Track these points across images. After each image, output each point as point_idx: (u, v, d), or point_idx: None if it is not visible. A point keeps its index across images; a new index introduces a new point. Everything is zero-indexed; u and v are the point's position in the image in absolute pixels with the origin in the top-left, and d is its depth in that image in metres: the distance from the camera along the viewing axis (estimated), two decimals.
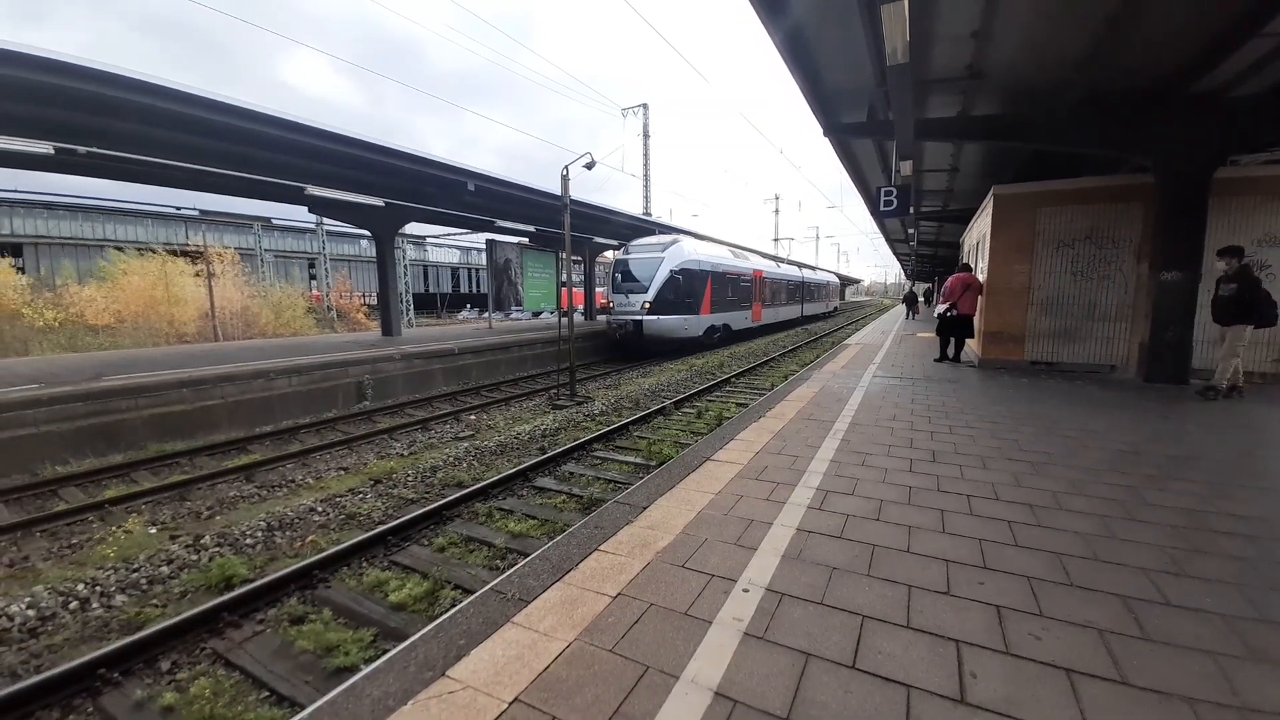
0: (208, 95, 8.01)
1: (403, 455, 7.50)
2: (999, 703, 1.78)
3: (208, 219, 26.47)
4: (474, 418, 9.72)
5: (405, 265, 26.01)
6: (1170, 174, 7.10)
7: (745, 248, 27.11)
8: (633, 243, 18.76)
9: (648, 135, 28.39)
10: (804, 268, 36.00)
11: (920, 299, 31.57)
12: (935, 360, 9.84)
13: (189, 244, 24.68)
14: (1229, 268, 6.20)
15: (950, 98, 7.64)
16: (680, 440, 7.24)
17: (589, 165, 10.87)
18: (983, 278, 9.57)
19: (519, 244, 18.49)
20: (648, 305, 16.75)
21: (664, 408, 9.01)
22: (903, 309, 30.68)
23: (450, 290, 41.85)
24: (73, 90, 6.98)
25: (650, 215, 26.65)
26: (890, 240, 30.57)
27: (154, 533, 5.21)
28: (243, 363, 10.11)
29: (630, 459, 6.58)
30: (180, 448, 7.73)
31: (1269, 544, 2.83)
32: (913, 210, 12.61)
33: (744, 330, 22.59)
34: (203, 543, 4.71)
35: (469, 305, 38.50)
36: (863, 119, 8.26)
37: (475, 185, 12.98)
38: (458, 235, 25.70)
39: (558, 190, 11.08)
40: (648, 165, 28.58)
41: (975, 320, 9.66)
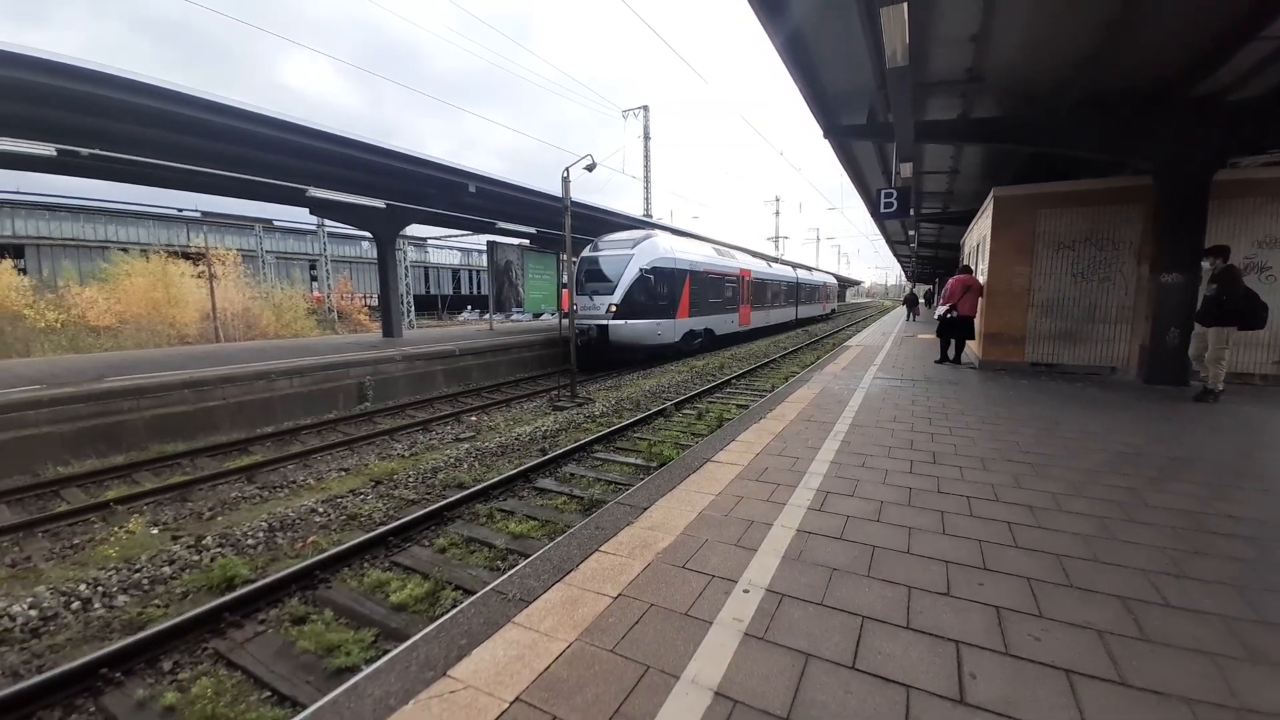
0: (211, 98, 8.05)
1: (404, 456, 7.51)
2: (998, 703, 1.79)
3: (209, 220, 26.54)
4: (475, 419, 9.73)
5: (406, 267, 26.06)
6: (1170, 176, 7.11)
7: (732, 245, 25.80)
8: (602, 238, 17.02)
9: (648, 137, 28.49)
10: (798, 268, 34.63)
11: (921, 301, 31.55)
12: (936, 362, 9.85)
13: (191, 245, 24.75)
14: (1213, 268, 6.23)
15: (950, 100, 7.66)
16: (681, 441, 7.25)
17: (590, 167, 10.91)
18: (983, 279, 9.58)
19: (520, 246, 18.50)
20: (614, 308, 14.87)
21: (665, 409, 9.01)
22: (903, 311, 30.70)
23: (451, 292, 41.92)
24: (74, 92, 7.02)
25: (651, 217, 26.70)
26: (891, 242, 30.62)
27: (156, 533, 5.22)
28: (244, 364, 10.13)
29: (631, 460, 6.59)
30: (182, 449, 7.75)
31: (1269, 546, 2.83)
32: (913, 212, 12.64)
33: (730, 335, 21.03)
34: (204, 543, 4.71)
35: (470, 307, 38.54)
36: (863, 121, 8.29)
37: (476, 187, 13.03)
38: (459, 237, 25.73)
39: (558, 192, 11.12)
40: (648, 167, 28.67)
41: (976, 322, 9.68)
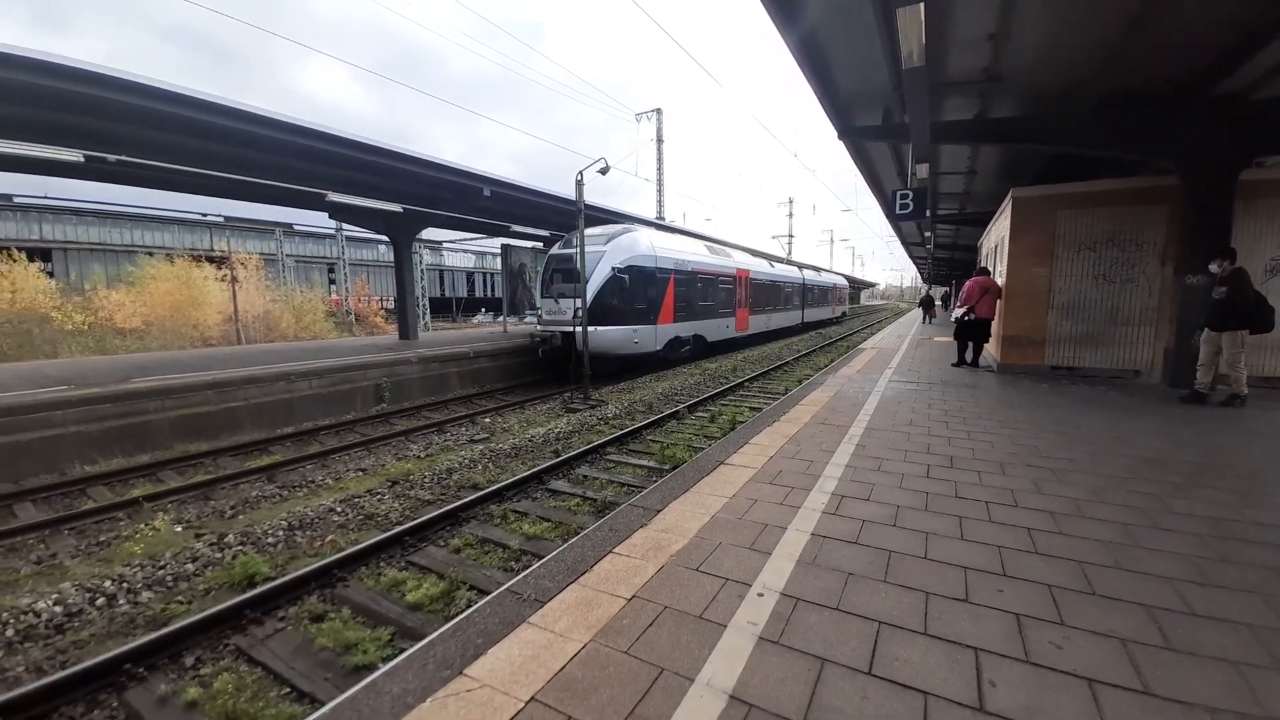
0: (238, 106, 8.22)
1: (419, 457, 7.59)
2: (1019, 712, 1.76)
3: (232, 225, 27.10)
4: (489, 420, 9.80)
5: (422, 270, 26.35)
6: (1194, 176, 6.96)
7: (728, 243, 23.94)
8: (571, 233, 14.37)
9: (661, 140, 28.50)
10: (805, 268, 32.78)
11: (937, 303, 31.18)
12: (953, 365, 9.73)
13: (214, 249, 25.26)
14: (1221, 270, 6.15)
15: (967, 100, 7.57)
16: (694, 444, 7.23)
17: (603, 170, 10.95)
18: (1001, 281, 9.45)
19: (534, 248, 18.64)
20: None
21: (677, 411, 9.01)
22: (919, 313, 30.36)
23: (466, 294, 42.31)
24: (101, 99, 7.17)
25: (664, 219, 26.72)
26: (906, 244, 30.29)
27: (179, 531, 5.34)
28: (265, 365, 10.32)
29: (644, 462, 6.60)
30: (205, 448, 7.91)
31: None
32: (929, 214, 12.49)
33: (726, 342, 19.03)
34: (226, 541, 4.81)
35: (484, 309, 38.85)
36: (878, 122, 8.22)
37: (490, 190, 13.14)
38: (473, 240, 25.97)
39: (572, 195, 11.17)
40: (661, 170, 28.69)
41: (994, 324, 9.54)
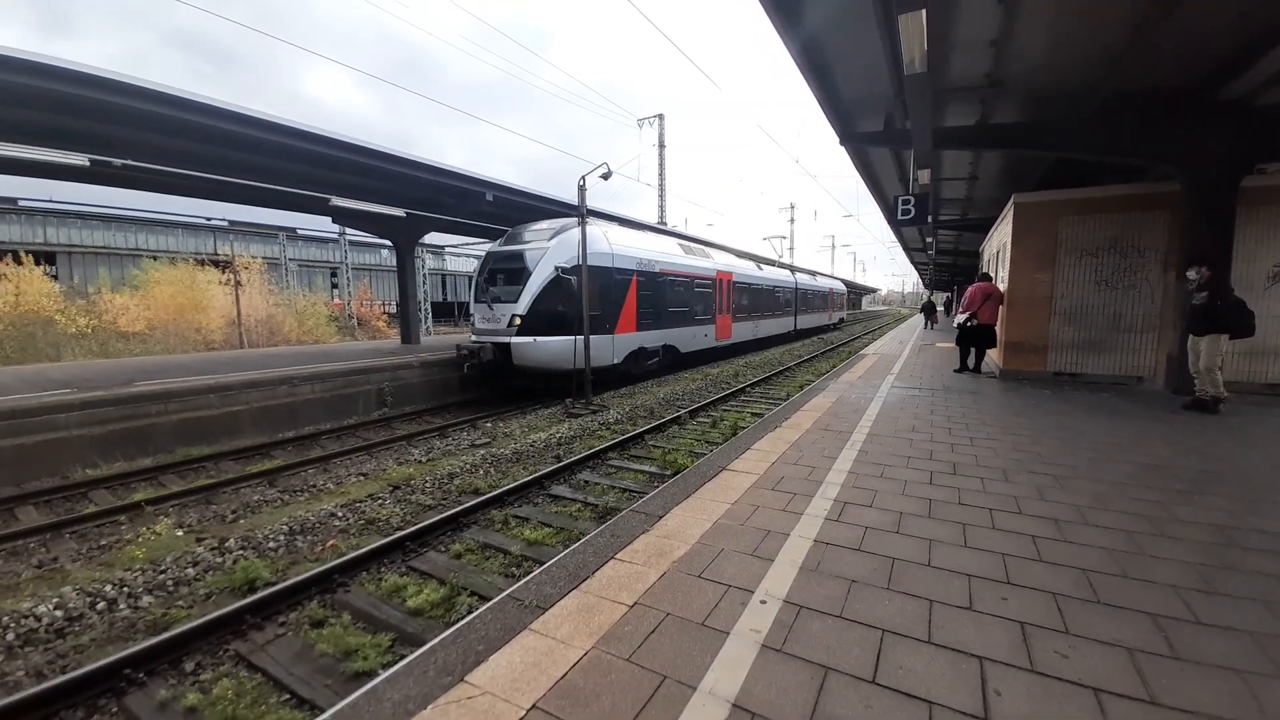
0: (240, 110, 8.26)
1: (421, 462, 7.58)
2: None
3: (236, 229, 27.18)
4: (490, 425, 9.80)
5: (424, 274, 26.42)
6: (1196, 182, 6.96)
7: (709, 242, 21.51)
8: (516, 228, 13.09)
9: (663, 145, 28.59)
10: (799, 271, 31.10)
11: (939, 308, 31.15)
12: (955, 371, 9.71)
13: (217, 253, 25.34)
14: (1199, 276, 6.21)
15: (969, 106, 7.58)
16: (695, 449, 7.22)
17: (605, 176, 10.97)
18: (1003, 287, 9.44)
19: None
20: (518, 320, 11.09)
21: (679, 417, 9.00)
22: (920, 319, 30.33)
23: (468, 299, 42.35)
24: (106, 103, 7.21)
25: (665, 224, 26.75)
26: (908, 249, 30.30)
27: (180, 535, 5.33)
28: (267, 369, 10.33)
29: (646, 468, 6.58)
30: (207, 452, 7.91)
31: None
32: (931, 219, 12.50)
33: (704, 353, 16.94)
34: (227, 545, 4.80)
35: None
36: (880, 128, 8.24)
37: (493, 195, 13.16)
38: (476, 245, 26.01)
39: (573, 199, 11.18)
40: (663, 175, 28.77)
41: (996, 330, 9.53)
